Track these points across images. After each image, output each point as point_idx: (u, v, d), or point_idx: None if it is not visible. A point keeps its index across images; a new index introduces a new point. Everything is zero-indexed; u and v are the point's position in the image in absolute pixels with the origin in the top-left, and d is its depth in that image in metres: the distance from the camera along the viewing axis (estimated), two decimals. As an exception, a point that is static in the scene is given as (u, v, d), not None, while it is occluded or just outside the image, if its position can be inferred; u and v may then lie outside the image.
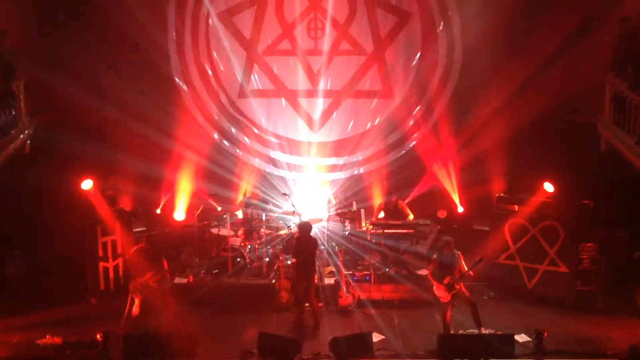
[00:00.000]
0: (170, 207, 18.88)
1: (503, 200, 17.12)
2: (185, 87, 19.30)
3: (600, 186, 17.18)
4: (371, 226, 17.28)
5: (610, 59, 17.06)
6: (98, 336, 14.28)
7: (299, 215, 17.41)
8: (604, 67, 17.27)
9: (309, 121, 19.68)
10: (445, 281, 14.56)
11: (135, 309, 15.06)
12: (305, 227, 15.54)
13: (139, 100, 18.29)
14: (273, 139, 19.75)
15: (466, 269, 14.55)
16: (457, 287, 14.55)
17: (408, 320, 15.77)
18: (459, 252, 14.80)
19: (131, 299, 15.06)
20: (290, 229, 17.32)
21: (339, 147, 19.76)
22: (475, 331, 14.64)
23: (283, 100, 19.60)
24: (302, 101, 19.61)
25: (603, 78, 17.18)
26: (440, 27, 19.05)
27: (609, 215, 16.99)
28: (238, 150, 19.72)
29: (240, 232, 17.65)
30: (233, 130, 19.65)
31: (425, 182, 18.97)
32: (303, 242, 15.36)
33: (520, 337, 14.62)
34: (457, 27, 18.92)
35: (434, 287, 14.79)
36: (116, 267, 16.91)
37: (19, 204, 17.22)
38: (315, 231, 17.76)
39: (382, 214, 17.85)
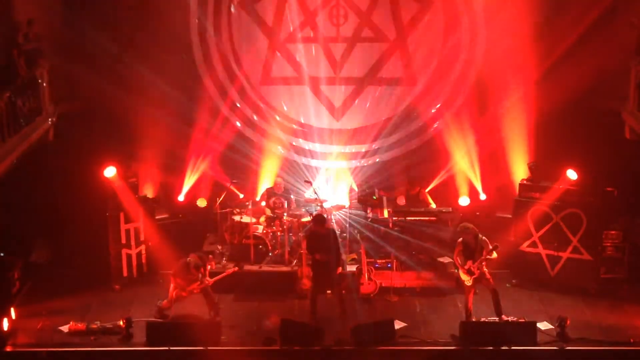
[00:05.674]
0: (192, 194, 18.91)
1: (526, 187, 17.02)
2: (207, 75, 19.28)
3: (624, 173, 17.09)
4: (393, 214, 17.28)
5: (636, 44, 16.92)
6: (121, 323, 14.41)
7: (322, 202, 17.39)
8: (629, 53, 17.14)
9: (331, 108, 19.62)
10: (467, 266, 14.56)
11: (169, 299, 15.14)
12: (318, 220, 15.37)
13: (162, 88, 18.31)
14: (295, 127, 19.72)
15: (485, 255, 14.54)
16: (478, 272, 14.54)
17: (430, 307, 15.79)
18: (484, 237, 14.75)
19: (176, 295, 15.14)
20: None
21: (361, 135, 19.69)
22: (497, 319, 14.64)
23: (305, 87, 19.56)
24: (324, 88, 19.54)
25: (628, 65, 17.05)
26: (463, 13, 18.92)
27: (633, 202, 16.89)
28: (260, 138, 19.70)
29: (262, 219, 17.65)
30: (255, 117, 19.63)
31: (447, 169, 18.89)
32: (320, 234, 15.18)
33: (543, 325, 14.62)
34: (481, 13, 18.77)
35: (459, 270, 14.80)
36: (139, 254, 16.99)
37: (43, 192, 17.32)
38: (337, 218, 17.80)
39: (402, 200, 17.81)
